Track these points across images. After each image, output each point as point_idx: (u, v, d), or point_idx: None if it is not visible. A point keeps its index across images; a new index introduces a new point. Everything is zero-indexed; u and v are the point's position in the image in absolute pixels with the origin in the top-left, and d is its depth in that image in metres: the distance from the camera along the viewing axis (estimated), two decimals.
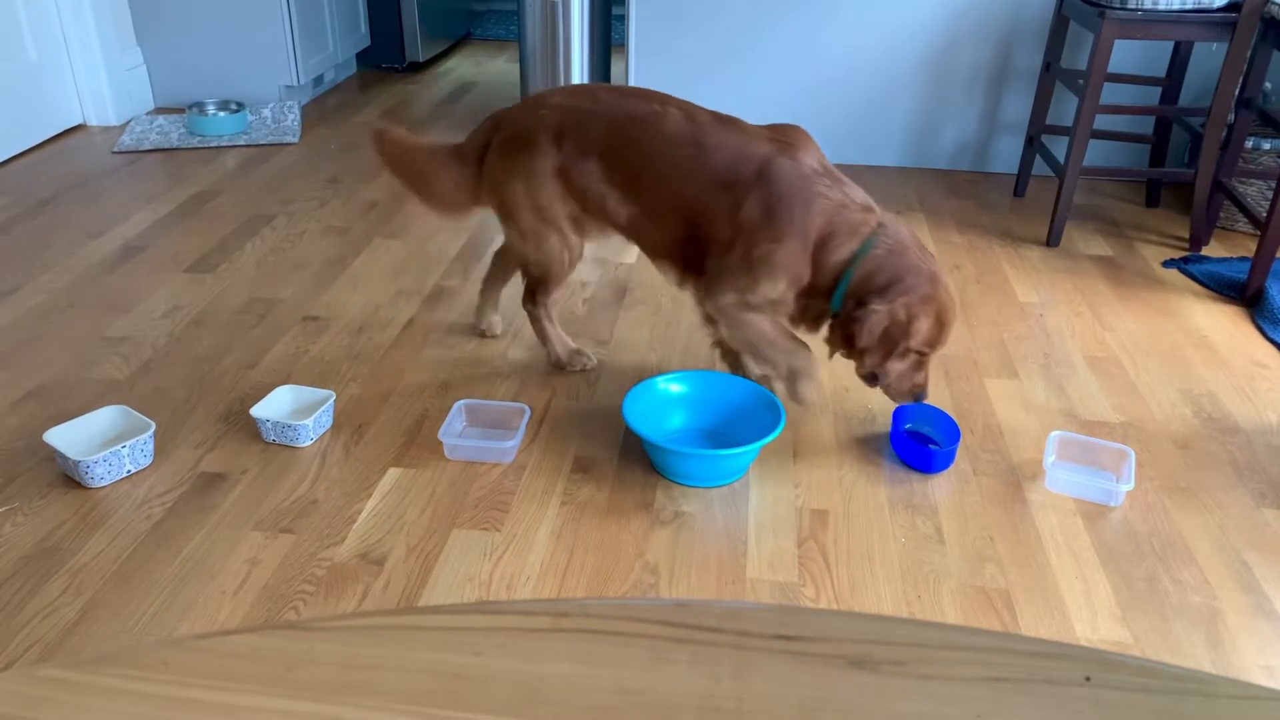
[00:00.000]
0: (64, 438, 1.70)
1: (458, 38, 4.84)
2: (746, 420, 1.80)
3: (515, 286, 2.41)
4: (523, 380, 2.02)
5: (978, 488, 1.73)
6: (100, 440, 1.73)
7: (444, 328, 2.21)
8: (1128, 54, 3.04)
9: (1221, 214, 2.86)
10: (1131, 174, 2.76)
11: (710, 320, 1.86)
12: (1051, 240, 2.72)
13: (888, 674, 0.50)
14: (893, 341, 1.67)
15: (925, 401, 1.77)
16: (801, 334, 1.83)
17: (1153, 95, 3.06)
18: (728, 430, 1.83)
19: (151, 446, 1.72)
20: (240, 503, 1.64)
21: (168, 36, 3.62)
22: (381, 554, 1.54)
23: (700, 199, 1.72)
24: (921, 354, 1.71)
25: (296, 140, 3.41)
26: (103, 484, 1.66)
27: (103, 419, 1.75)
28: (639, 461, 1.77)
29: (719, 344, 1.94)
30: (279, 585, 1.47)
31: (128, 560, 1.51)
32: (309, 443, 1.79)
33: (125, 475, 1.69)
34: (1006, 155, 3.29)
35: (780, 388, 1.85)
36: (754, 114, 3.31)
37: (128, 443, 1.67)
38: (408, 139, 1.98)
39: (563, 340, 2.06)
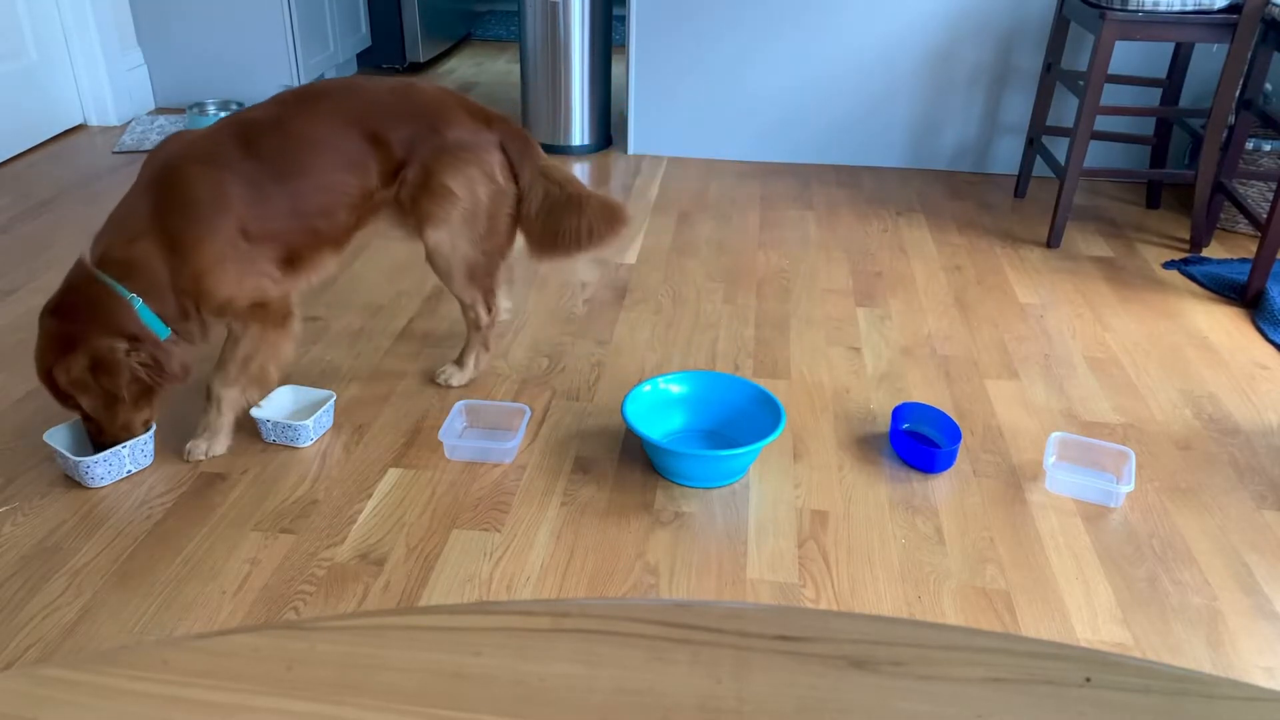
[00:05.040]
0: (64, 438, 1.70)
1: (458, 38, 4.84)
2: (747, 421, 1.80)
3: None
4: (523, 381, 2.02)
5: (978, 489, 1.73)
6: None
7: (444, 328, 2.21)
8: (1128, 55, 3.04)
9: (1222, 215, 2.86)
10: (1132, 175, 2.76)
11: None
12: (1052, 241, 2.72)
13: (888, 674, 0.50)
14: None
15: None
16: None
17: (1153, 96, 3.06)
18: (728, 431, 1.83)
19: (152, 446, 1.72)
20: (240, 503, 1.64)
21: (168, 37, 3.62)
22: (381, 554, 1.54)
23: None
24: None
25: None
26: (103, 484, 1.66)
27: None
28: (639, 462, 1.77)
29: None
30: (279, 585, 1.47)
31: (128, 560, 1.51)
32: (309, 443, 1.79)
33: (125, 475, 1.69)
34: (1007, 156, 3.29)
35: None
36: (755, 114, 3.32)
37: (128, 443, 1.67)
38: None
39: None
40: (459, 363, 2.00)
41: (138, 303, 1.59)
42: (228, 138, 1.65)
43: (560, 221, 1.88)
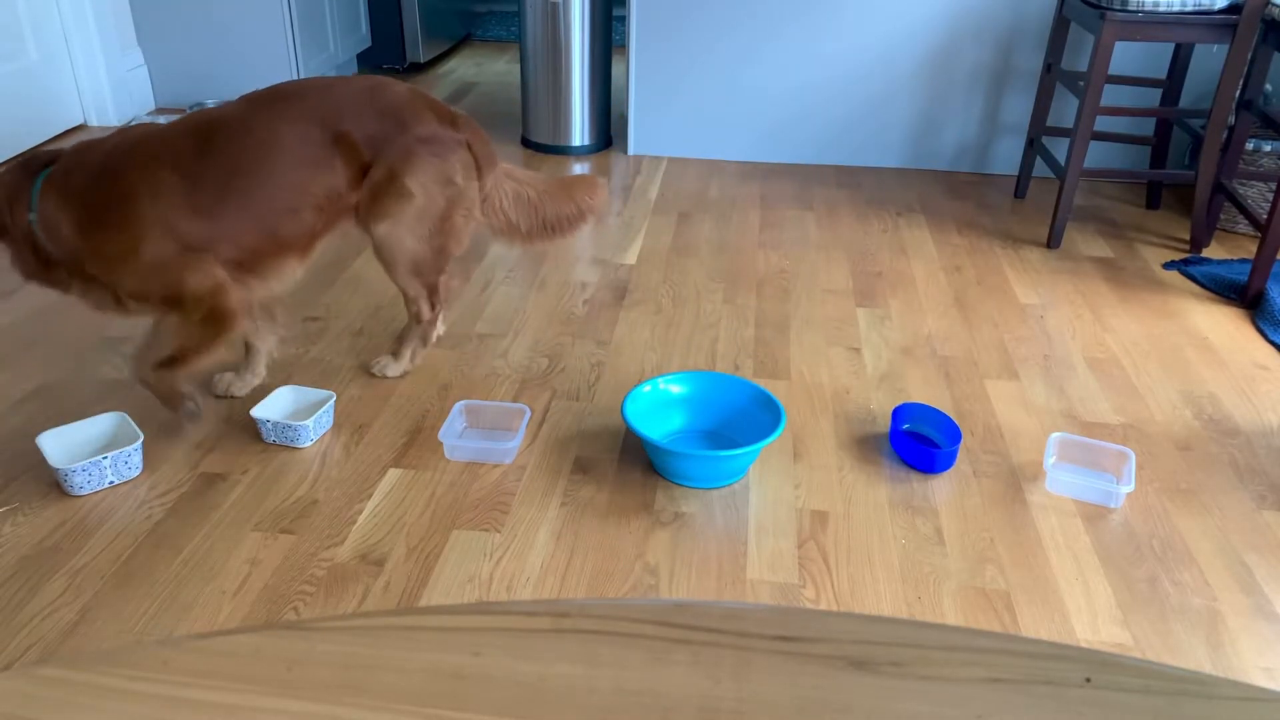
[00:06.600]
0: (58, 441, 1.69)
1: (458, 38, 4.84)
2: (747, 421, 1.80)
3: (506, 289, 2.41)
4: (523, 381, 2.02)
5: (978, 489, 1.73)
6: (94, 447, 1.73)
7: (443, 329, 2.21)
8: (1128, 56, 3.04)
9: (1222, 216, 2.86)
10: (1132, 176, 2.76)
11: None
12: (1052, 242, 2.72)
13: (888, 675, 0.50)
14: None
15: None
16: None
17: (1153, 97, 3.06)
18: (728, 431, 1.83)
19: (139, 458, 1.70)
20: (240, 503, 1.64)
21: (168, 37, 3.62)
22: (381, 554, 1.54)
23: None
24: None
25: None
26: (83, 493, 1.65)
27: (100, 425, 1.74)
28: (639, 462, 1.77)
29: None
30: (279, 585, 1.47)
31: (128, 560, 1.51)
32: (309, 443, 1.79)
33: (107, 486, 1.67)
34: (1007, 157, 3.29)
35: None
36: (755, 114, 3.32)
37: (110, 454, 1.65)
38: None
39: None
40: (395, 354, 2.02)
41: (34, 216, 1.59)
42: (186, 135, 1.65)
43: (549, 210, 1.97)
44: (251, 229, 1.68)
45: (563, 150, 3.40)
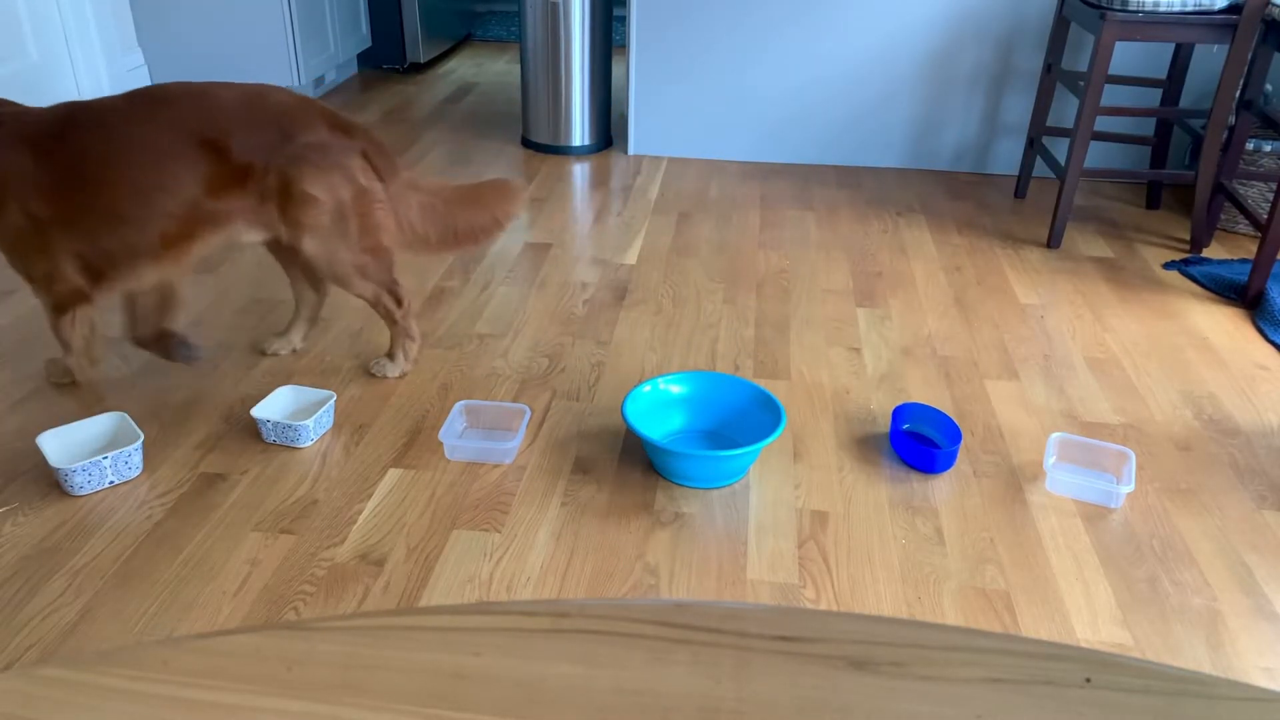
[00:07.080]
0: (58, 441, 1.69)
1: (459, 39, 4.84)
2: (747, 421, 1.80)
3: (506, 289, 2.41)
4: (523, 381, 2.02)
5: (978, 489, 1.73)
6: (94, 447, 1.73)
7: (444, 328, 2.22)
8: (1128, 56, 3.04)
9: (1222, 216, 2.86)
10: (1132, 176, 2.76)
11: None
12: (1052, 242, 2.72)
13: (888, 675, 0.50)
14: None
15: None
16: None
17: (1153, 97, 3.06)
18: (728, 431, 1.83)
19: (139, 458, 1.70)
20: (240, 503, 1.64)
21: (169, 37, 3.62)
22: (381, 555, 1.54)
23: None
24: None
25: None
26: (83, 492, 1.65)
27: (100, 425, 1.74)
28: (639, 462, 1.77)
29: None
30: (279, 585, 1.47)
31: (128, 560, 1.51)
32: (309, 443, 1.79)
33: (108, 486, 1.67)
34: (1007, 157, 3.29)
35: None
36: (755, 114, 3.32)
37: (110, 453, 1.65)
38: None
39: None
40: (390, 355, 2.02)
41: None
42: (56, 122, 1.69)
43: (459, 219, 1.93)
44: (102, 228, 1.72)
45: (563, 150, 3.40)
